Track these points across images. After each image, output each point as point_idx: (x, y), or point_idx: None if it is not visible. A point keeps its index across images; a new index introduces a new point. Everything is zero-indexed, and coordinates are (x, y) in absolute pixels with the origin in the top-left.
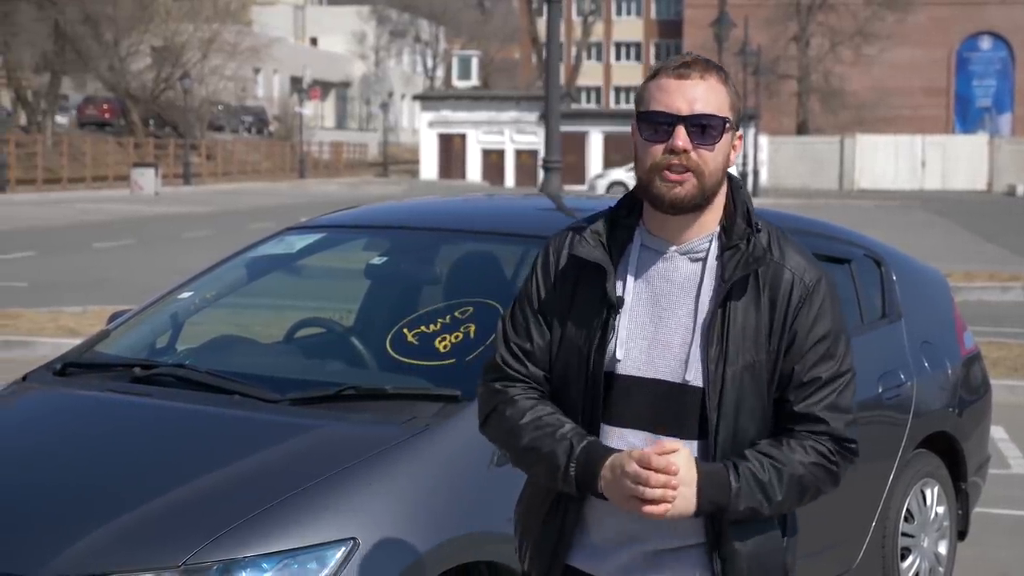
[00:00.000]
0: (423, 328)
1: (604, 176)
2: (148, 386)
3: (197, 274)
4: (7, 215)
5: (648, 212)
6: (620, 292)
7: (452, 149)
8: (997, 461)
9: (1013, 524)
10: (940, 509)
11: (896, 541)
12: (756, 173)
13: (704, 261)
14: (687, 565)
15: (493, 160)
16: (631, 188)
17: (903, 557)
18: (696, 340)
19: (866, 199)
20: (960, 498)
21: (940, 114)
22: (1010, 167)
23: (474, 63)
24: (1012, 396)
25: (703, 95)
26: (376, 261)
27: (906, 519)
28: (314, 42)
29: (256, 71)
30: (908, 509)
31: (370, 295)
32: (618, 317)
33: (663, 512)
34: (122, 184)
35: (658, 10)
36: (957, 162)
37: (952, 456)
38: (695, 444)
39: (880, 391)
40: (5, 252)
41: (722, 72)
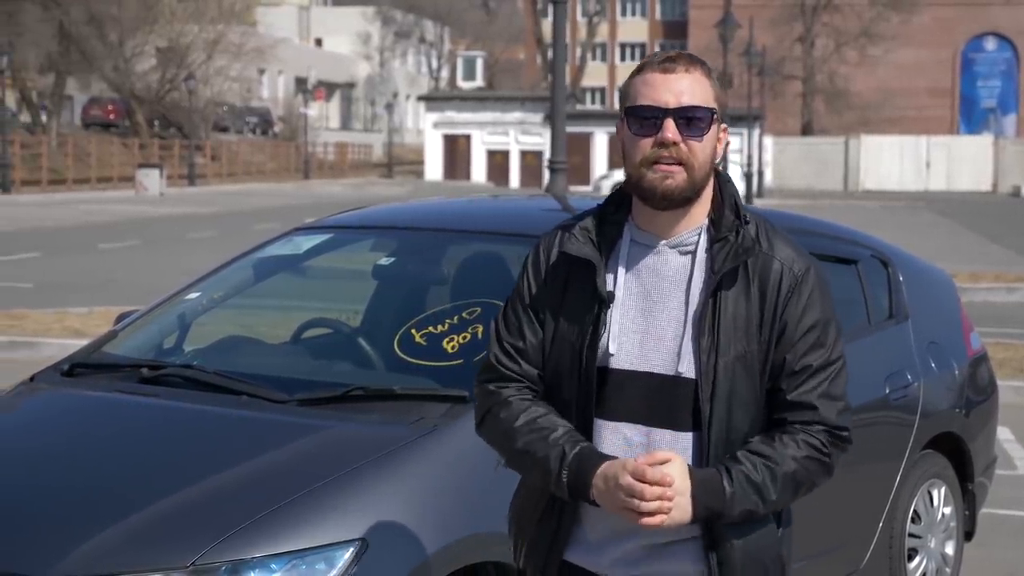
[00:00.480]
0: (431, 329)
1: (609, 177)
2: (156, 387)
3: (204, 275)
4: (12, 216)
5: (637, 207)
6: (611, 287)
7: (457, 150)
8: (1003, 462)
9: (1020, 525)
10: (947, 510)
11: (903, 541)
12: (761, 174)
13: (694, 254)
14: (683, 559)
15: (498, 161)
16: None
17: (910, 558)
18: (688, 332)
19: (871, 200)
20: (967, 499)
21: (945, 115)
22: (1015, 168)
23: (479, 64)
24: (1018, 397)
25: (689, 88)
26: (383, 262)
27: (913, 520)
28: (319, 43)
29: (261, 72)
30: (915, 510)
31: (377, 296)
32: (609, 312)
33: (659, 523)
34: (127, 185)
35: (663, 11)
36: (962, 163)
37: (959, 457)
38: (690, 436)
39: (887, 392)
40: (10, 253)
41: (706, 66)
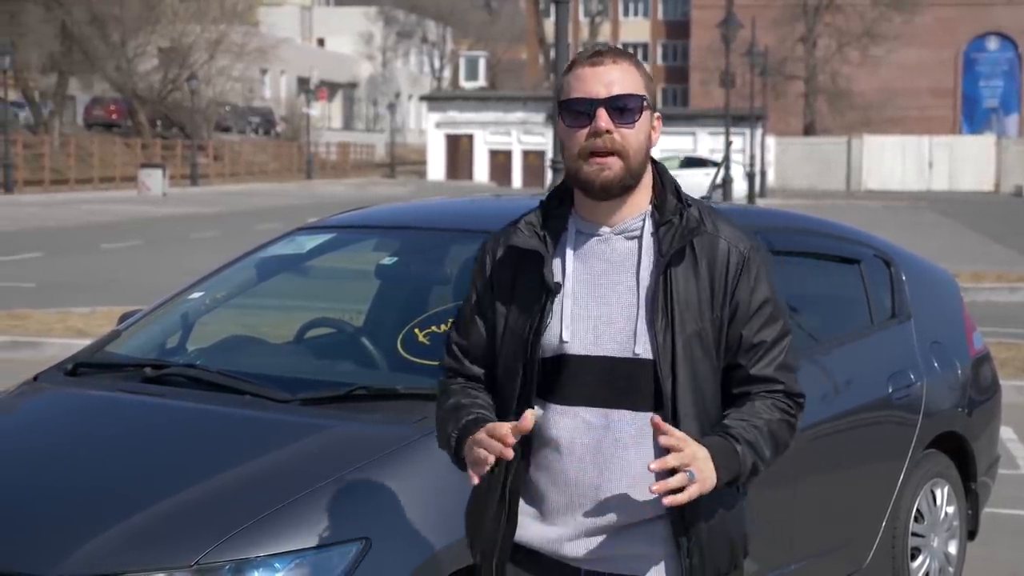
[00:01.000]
0: (434, 328)
1: None
2: (159, 386)
3: (207, 274)
4: (14, 216)
5: (579, 199)
6: (559, 277)
7: (459, 150)
8: (1006, 462)
9: (1023, 524)
10: (950, 509)
11: (906, 541)
12: (763, 174)
13: (639, 239)
14: (648, 539)
15: (500, 161)
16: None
17: (913, 557)
18: (641, 314)
19: (873, 200)
20: (970, 498)
21: (947, 115)
22: (1017, 168)
23: (481, 64)
24: (1021, 397)
25: (619, 78)
26: (386, 261)
27: (916, 519)
28: (321, 43)
29: (263, 72)
30: (918, 509)
31: (380, 295)
32: (557, 300)
33: (687, 498)
34: (129, 185)
35: (665, 11)
36: (964, 163)
37: (962, 456)
38: (649, 416)
39: (890, 391)
40: (13, 253)
41: (633, 58)
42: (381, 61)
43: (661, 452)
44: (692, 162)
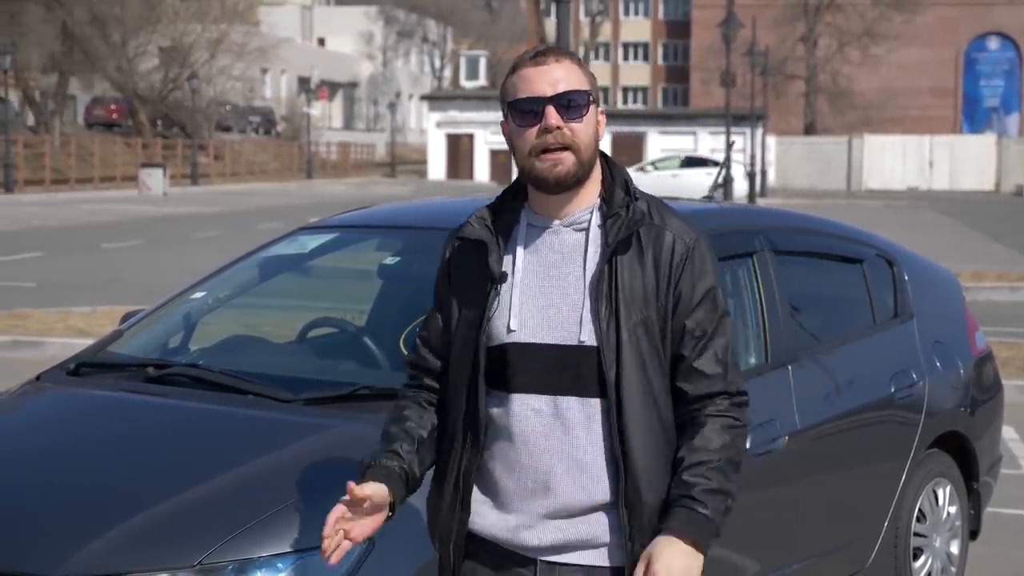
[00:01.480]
0: None
1: None
2: (162, 386)
3: (210, 274)
4: (15, 215)
5: (532, 193)
6: (508, 268)
7: (460, 149)
8: (1008, 461)
9: None
10: (952, 509)
11: (908, 541)
12: (764, 173)
13: (587, 230)
14: (600, 526)
15: (501, 160)
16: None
17: (915, 557)
18: (586, 303)
19: (874, 199)
20: (972, 498)
21: (948, 114)
22: (1018, 167)
23: (482, 63)
24: (1022, 396)
25: (564, 75)
26: (389, 261)
27: (918, 519)
28: (322, 42)
29: (264, 71)
30: (920, 509)
31: (383, 295)
32: (506, 291)
33: None
34: (130, 184)
35: (666, 11)
36: (965, 162)
37: (964, 456)
38: (597, 402)
39: (892, 391)
40: (13, 252)
41: (575, 56)
42: (382, 61)
43: (608, 436)
44: (693, 162)
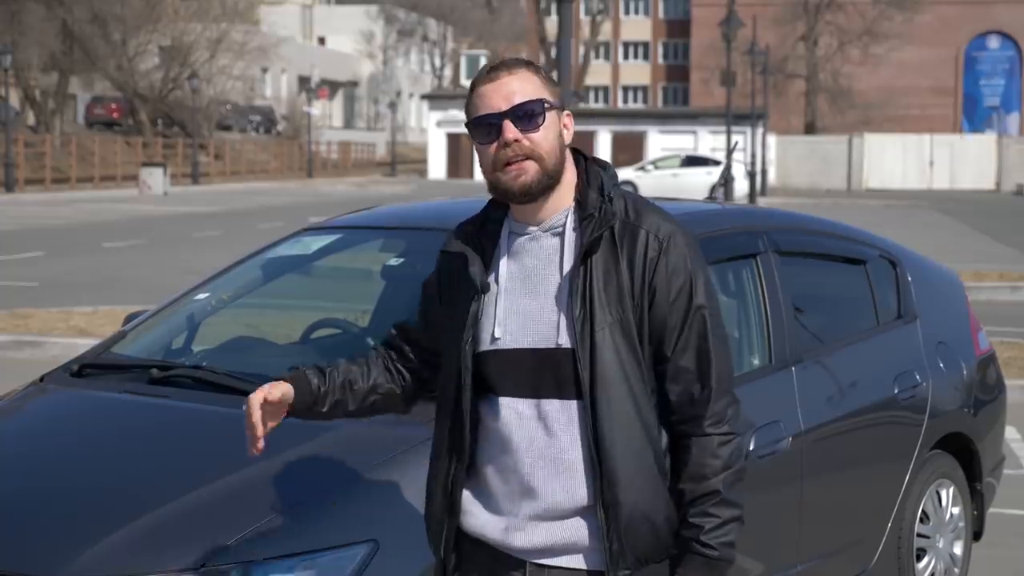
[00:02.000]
0: None
1: None
2: (166, 387)
3: (213, 275)
4: (16, 215)
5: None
6: (491, 277)
7: (460, 148)
8: (1010, 462)
9: None
10: (955, 510)
11: (912, 542)
12: (764, 172)
13: (562, 234)
14: (585, 528)
15: None
16: (639, 187)
17: (919, 558)
18: (563, 306)
19: (874, 199)
20: (975, 499)
21: (948, 114)
22: (1018, 166)
23: (482, 62)
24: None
25: (518, 87)
26: (392, 262)
27: (922, 520)
28: (322, 41)
29: (264, 70)
30: (924, 510)
31: (386, 296)
32: (490, 299)
33: None
34: (130, 184)
35: (666, 10)
36: (965, 162)
37: (967, 457)
38: (575, 404)
39: (896, 392)
40: (15, 252)
41: (531, 64)
42: (382, 60)
43: (586, 437)
44: (693, 161)
